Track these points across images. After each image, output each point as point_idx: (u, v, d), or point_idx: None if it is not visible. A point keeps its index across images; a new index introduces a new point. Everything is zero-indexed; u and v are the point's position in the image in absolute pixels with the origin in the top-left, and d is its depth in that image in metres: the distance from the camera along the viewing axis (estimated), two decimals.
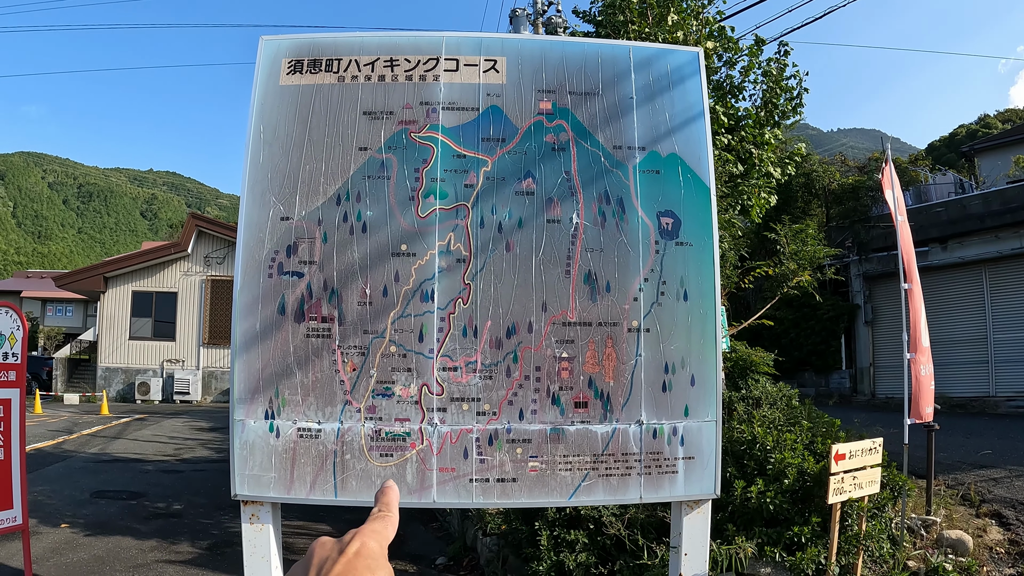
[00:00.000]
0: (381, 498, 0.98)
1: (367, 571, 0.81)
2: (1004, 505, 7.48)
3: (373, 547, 0.85)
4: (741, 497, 5.36)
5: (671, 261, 3.62)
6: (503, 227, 3.55)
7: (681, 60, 3.91)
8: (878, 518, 5.67)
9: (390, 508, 0.96)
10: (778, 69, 8.47)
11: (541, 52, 3.80)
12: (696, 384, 3.60)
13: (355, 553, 0.83)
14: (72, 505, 9.28)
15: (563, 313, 3.52)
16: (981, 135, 47.06)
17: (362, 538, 0.85)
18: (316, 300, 3.49)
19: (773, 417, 6.22)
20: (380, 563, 0.83)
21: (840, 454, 4.91)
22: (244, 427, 3.44)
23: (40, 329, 42.44)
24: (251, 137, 3.64)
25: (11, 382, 6.02)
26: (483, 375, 3.47)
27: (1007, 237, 18.02)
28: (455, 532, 7.99)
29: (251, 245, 3.54)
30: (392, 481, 1.04)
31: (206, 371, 28.82)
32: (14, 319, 6.13)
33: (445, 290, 3.49)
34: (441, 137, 3.61)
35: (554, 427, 3.48)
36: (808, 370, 22.95)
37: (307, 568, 0.84)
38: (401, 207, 3.54)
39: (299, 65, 3.72)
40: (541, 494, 3.49)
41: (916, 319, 6.95)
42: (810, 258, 8.32)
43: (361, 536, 0.86)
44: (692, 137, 3.77)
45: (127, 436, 16.75)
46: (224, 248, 29.12)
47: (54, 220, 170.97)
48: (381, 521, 0.92)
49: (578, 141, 3.67)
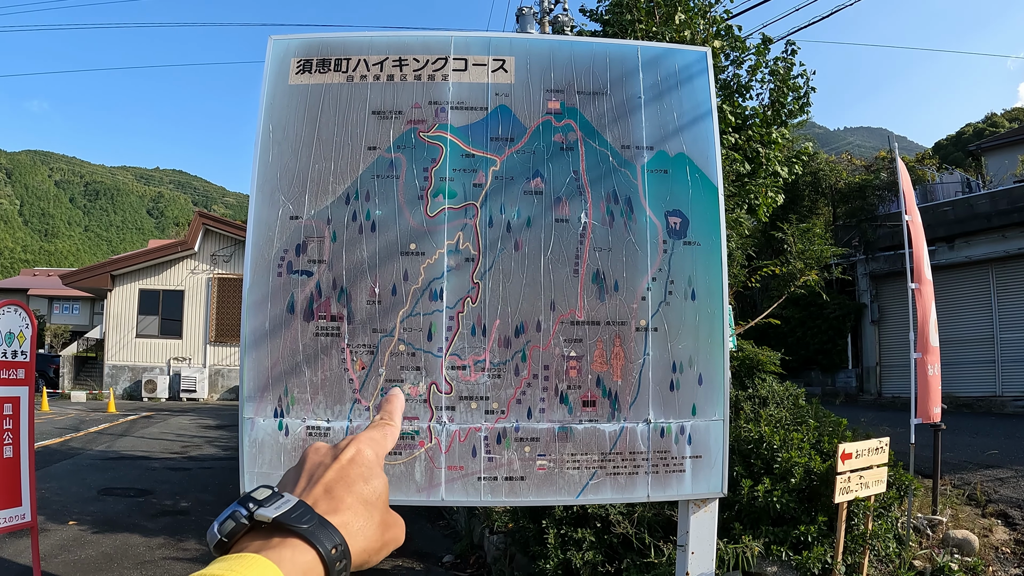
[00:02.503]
0: (384, 406, 0.95)
1: (360, 479, 0.80)
2: (1010, 505, 7.47)
3: (368, 455, 0.83)
4: (748, 496, 5.37)
5: (679, 260, 3.63)
6: (512, 226, 3.56)
7: (689, 59, 3.91)
8: (884, 517, 5.67)
9: (392, 417, 0.93)
10: (785, 68, 8.46)
11: (549, 52, 3.81)
12: (704, 383, 3.61)
13: (349, 460, 0.81)
14: (80, 502, 9.32)
15: (571, 312, 3.53)
16: (988, 134, 46.89)
17: (357, 444, 0.84)
18: (325, 299, 3.50)
19: (780, 416, 6.22)
20: (374, 471, 0.82)
21: (847, 453, 4.91)
22: (253, 425, 3.45)
23: (47, 327, 42.60)
24: (260, 136, 3.65)
25: (20, 380, 6.05)
26: (492, 374, 3.48)
27: (1014, 236, 17.97)
28: (462, 530, 8.01)
29: (260, 244, 3.56)
30: (398, 389, 1.01)
31: (213, 369, 28.89)
32: (23, 317, 6.16)
33: (454, 289, 3.50)
34: (450, 136, 3.62)
35: (562, 426, 3.49)
36: (814, 369, 22.93)
37: (299, 473, 0.82)
38: (410, 206, 3.55)
39: (308, 65, 3.73)
40: (549, 492, 3.50)
41: (925, 319, 6.94)
42: (817, 257, 8.33)
43: (357, 443, 0.84)
44: (700, 136, 3.77)
45: (134, 433, 16.81)
46: (231, 246, 29.19)
47: (61, 218, 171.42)
48: (380, 429, 0.90)
49: (586, 140, 3.68)
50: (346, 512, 0.76)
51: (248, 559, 0.66)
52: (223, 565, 0.65)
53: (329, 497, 0.77)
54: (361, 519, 0.77)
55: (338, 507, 0.76)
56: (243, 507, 0.73)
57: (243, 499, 0.74)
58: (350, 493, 0.78)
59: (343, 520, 0.75)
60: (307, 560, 0.69)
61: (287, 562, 0.68)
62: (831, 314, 22.04)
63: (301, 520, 0.72)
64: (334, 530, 0.73)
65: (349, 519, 0.75)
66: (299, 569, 0.68)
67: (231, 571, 0.63)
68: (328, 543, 0.71)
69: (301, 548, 0.70)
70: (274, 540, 0.71)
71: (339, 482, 0.78)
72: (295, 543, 0.70)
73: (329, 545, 0.71)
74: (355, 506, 0.77)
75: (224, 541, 0.72)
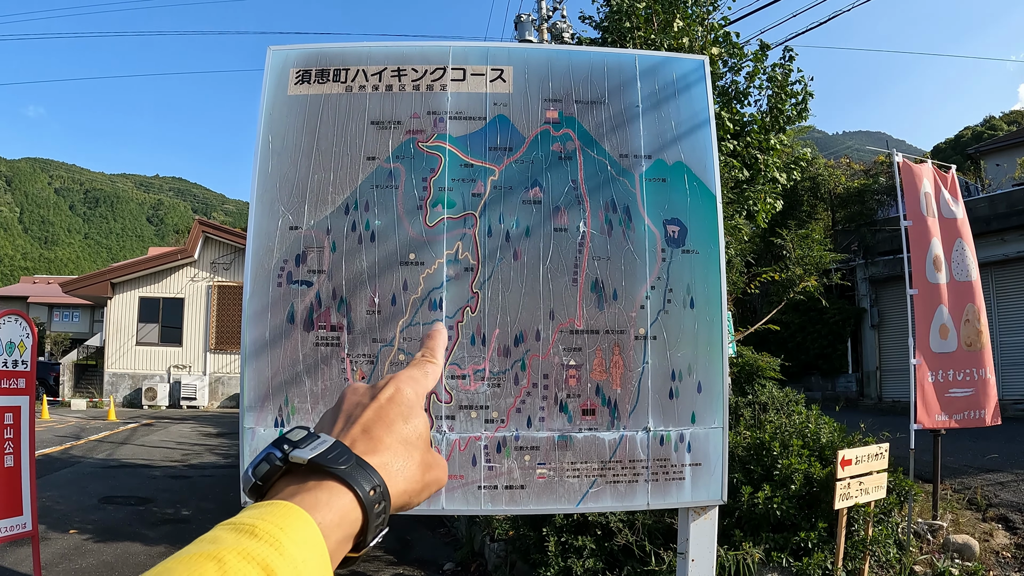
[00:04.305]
0: (427, 342, 0.91)
1: (400, 418, 0.77)
2: (1011, 509, 7.47)
3: (408, 394, 0.80)
4: (748, 503, 5.37)
5: (677, 269, 3.64)
6: (511, 236, 3.57)
7: (686, 68, 3.93)
8: (884, 523, 5.68)
9: (434, 354, 0.89)
10: (783, 74, 8.49)
11: (547, 61, 3.83)
12: (703, 391, 3.62)
13: (388, 399, 0.78)
14: (80, 511, 9.32)
15: (570, 321, 3.54)
16: (987, 137, 46.95)
17: (397, 383, 0.80)
18: (325, 309, 3.51)
19: (780, 422, 6.23)
20: (415, 410, 0.79)
21: (846, 459, 4.92)
22: (254, 435, 3.46)
23: (47, 334, 42.53)
24: (260, 147, 3.66)
25: (21, 389, 6.05)
26: (491, 383, 3.49)
27: (1013, 240, 17.97)
28: (463, 537, 8.01)
29: (260, 254, 3.57)
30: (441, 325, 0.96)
31: (213, 376, 28.86)
32: (23, 327, 6.16)
33: (453, 299, 3.51)
34: (448, 146, 3.63)
35: (562, 434, 3.50)
36: (815, 374, 22.90)
37: (336, 413, 0.79)
38: (409, 216, 3.56)
39: (307, 75, 3.75)
40: (549, 501, 3.51)
41: (924, 325, 6.96)
42: (816, 263, 8.35)
43: (396, 381, 0.81)
44: (698, 145, 3.79)
45: (134, 441, 16.80)
46: (231, 254, 29.19)
47: (60, 226, 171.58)
48: (420, 367, 0.86)
49: (584, 150, 3.69)
50: (385, 452, 0.73)
51: (280, 507, 0.63)
52: (253, 513, 0.62)
53: (367, 437, 0.74)
54: (401, 459, 0.74)
55: (377, 447, 0.73)
56: (278, 449, 0.70)
57: (278, 440, 0.72)
58: (389, 433, 0.75)
59: (382, 461, 0.72)
60: (344, 503, 0.67)
61: (323, 505, 0.66)
62: (831, 319, 22.03)
63: (338, 461, 0.69)
64: (372, 471, 0.70)
65: (388, 459, 0.73)
66: (336, 512, 0.66)
67: (261, 519, 0.60)
68: (367, 484, 0.68)
69: (338, 490, 0.67)
70: (310, 483, 0.68)
71: (378, 422, 0.75)
72: (331, 486, 0.67)
73: (368, 487, 0.68)
74: (394, 446, 0.74)
75: (259, 484, 0.70)
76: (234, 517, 0.61)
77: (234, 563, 0.54)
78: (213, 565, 0.54)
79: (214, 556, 0.55)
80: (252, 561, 0.55)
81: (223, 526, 0.60)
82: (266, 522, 0.60)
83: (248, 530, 0.59)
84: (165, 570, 0.54)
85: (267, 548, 0.57)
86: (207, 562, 0.54)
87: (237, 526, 0.60)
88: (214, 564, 0.54)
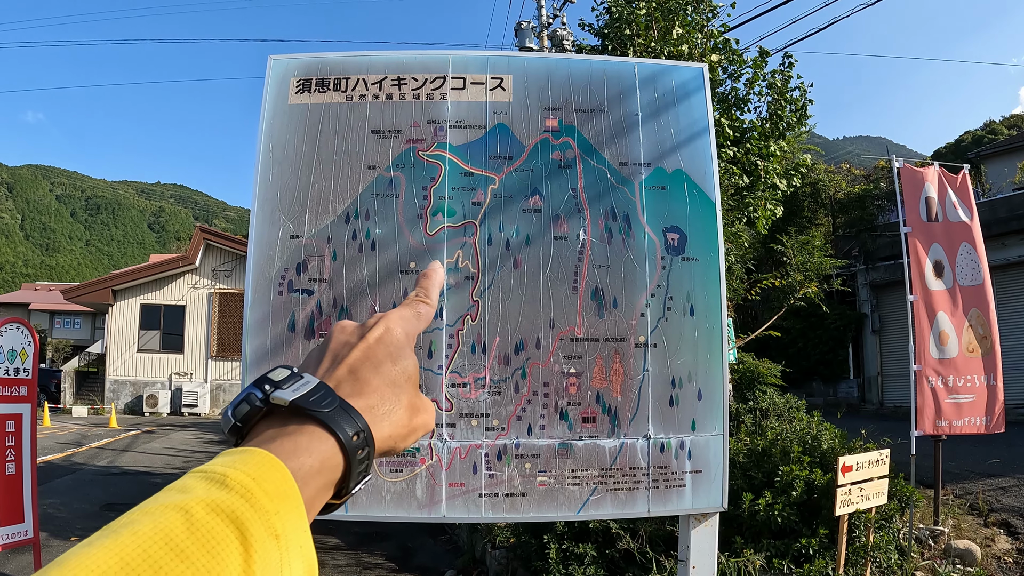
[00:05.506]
0: (421, 281, 0.87)
1: (388, 359, 0.74)
2: (1012, 514, 7.46)
3: (398, 334, 0.76)
4: (749, 510, 5.37)
5: (677, 276, 3.65)
6: (511, 244, 3.58)
7: (686, 76, 3.94)
8: (886, 529, 5.68)
9: (428, 294, 0.86)
10: (783, 81, 8.52)
11: (547, 70, 3.84)
12: (703, 398, 3.62)
13: (376, 339, 0.75)
14: (82, 518, 9.31)
15: (571, 329, 3.55)
16: (987, 141, 46.93)
17: (387, 323, 0.77)
18: (326, 317, 3.52)
19: (781, 429, 6.23)
20: (404, 351, 0.76)
21: (847, 466, 4.92)
22: None
23: (48, 341, 42.60)
24: (260, 156, 3.68)
25: (22, 397, 6.07)
26: (492, 391, 3.49)
27: (1013, 244, 17.99)
28: (464, 545, 8.01)
29: (261, 263, 3.58)
30: (438, 263, 0.91)
31: (214, 384, 28.87)
32: (25, 335, 6.18)
33: (454, 307, 3.52)
34: (448, 155, 3.65)
35: (562, 442, 3.50)
36: (816, 380, 22.91)
37: (322, 353, 0.76)
38: (409, 225, 3.57)
39: (307, 84, 3.77)
40: (550, 508, 3.51)
41: (924, 331, 6.96)
42: (816, 269, 8.35)
43: (386, 321, 0.77)
44: (697, 153, 3.80)
45: (136, 449, 16.80)
46: (232, 261, 29.23)
47: (62, 232, 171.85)
48: (412, 307, 0.82)
49: (584, 158, 3.70)
50: (371, 395, 0.70)
51: (254, 455, 0.59)
52: (227, 460, 0.58)
53: (354, 379, 0.71)
54: (388, 403, 0.71)
55: (363, 389, 0.70)
56: (259, 389, 0.67)
57: (259, 380, 0.68)
58: (377, 374, 0.72)
59: (368, 404, 0.69)
60: (325, 448, 0.64)
61: (303, 451, 0.62)
62: (832, 324, 22.04)
63: (320, 404, 0.66)
64: (357, 415, 0.67)
65: (375, 402, 0.70)
66: (316, 458, 0.63)
67: (233, 467, 0.57)
68: (350, 429, 0.65)
69: (319, 435, 0.64)
70: (290, 426, 0.65)
71: (365, 362, 0.73)
72: (312, 430, 0.64)
73: (351, 431, 0.65)
74: (381, 388, 0.71)
75: (239, 426, 0.67)
76: (208, 463, 0.58)
77: (202, 516, 0.52)
78: (180, 517, 0.51)
79: (182, 507, 0.52)
80: (221, 514, 0.52)
81: (195, 473, 0.57)
82: (239, 471, 0.56)
83: (219, 479, 0.56)
84: (130, 521, 0.52)
85: (238, 500, 0.54)
86: (174, 514, 0.51)
87: (209, 474, 0.56)
88: (181, 516, 0.51)
